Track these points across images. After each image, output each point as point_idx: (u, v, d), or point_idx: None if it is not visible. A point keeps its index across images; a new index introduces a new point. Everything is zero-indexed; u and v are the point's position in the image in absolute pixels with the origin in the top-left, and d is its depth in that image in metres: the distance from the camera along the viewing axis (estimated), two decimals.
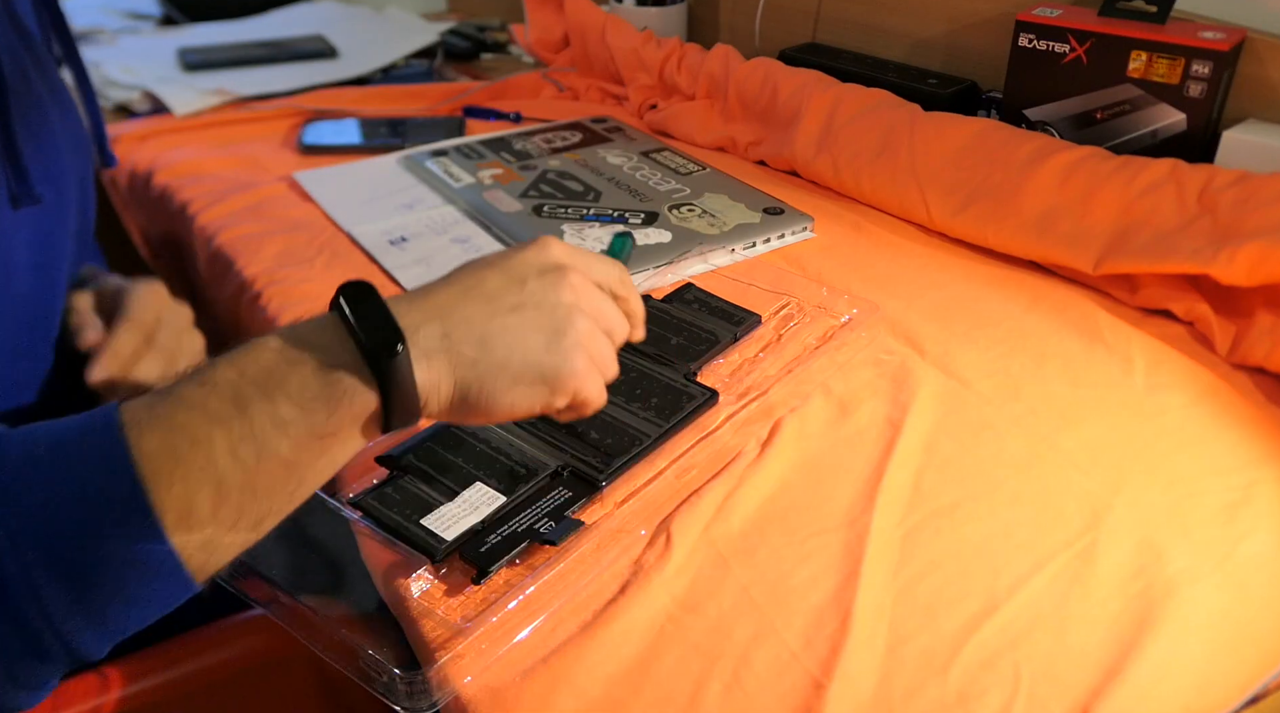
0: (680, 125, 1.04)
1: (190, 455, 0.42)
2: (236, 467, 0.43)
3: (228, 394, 0.43)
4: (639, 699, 0.44)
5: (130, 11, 1.52)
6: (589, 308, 0.50)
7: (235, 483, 0.43)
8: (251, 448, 0.43)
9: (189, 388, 0.43)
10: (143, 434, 0.42)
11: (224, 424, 0.42)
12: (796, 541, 0.52)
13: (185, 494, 0.42)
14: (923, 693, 0.44)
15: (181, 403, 0.43)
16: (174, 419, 0.42)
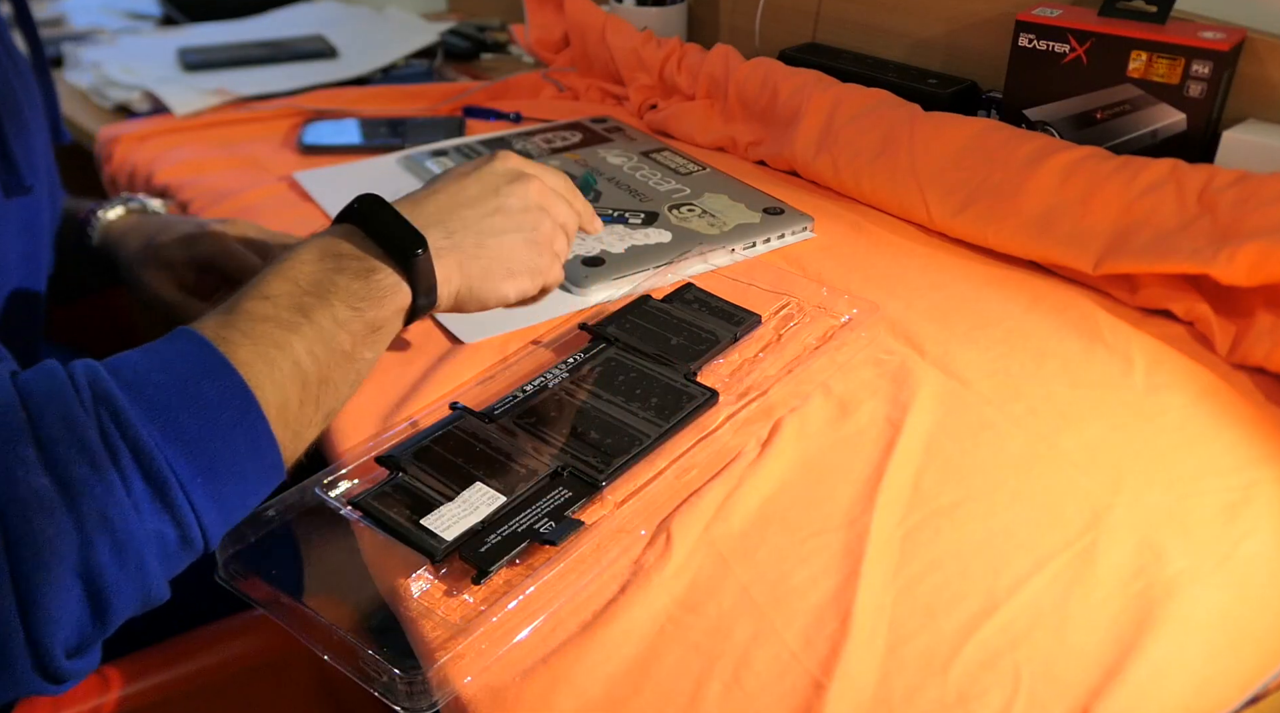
0: (680, 125, 1.04)
1: (279, 359, 0.49)
2: (314, 363, 0.50)
3: (292, 304, 0.50)
4: (639, 699, 0.44)
5: (130, 11, 1.52)
6: (551, 209, 0.61)
7: (315, 378, 0.50)
8: (322, 346, 0.51)
9: (254, 303, 0.50)
10: (233, 347, 0.48)
11: (297, 330, 0.50)
12: (796, 541, 0.52)
13: (280, 392, 0.49)
14: (923, 693, 0.44)
15: (255, 317, 0.50)
16: (255, 331, 0.49)
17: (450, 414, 0.59)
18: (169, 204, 0.89)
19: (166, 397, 0.45)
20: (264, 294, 0.51)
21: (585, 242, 0.79)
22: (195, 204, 0.91)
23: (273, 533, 0.53)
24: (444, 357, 0.67)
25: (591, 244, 0.79)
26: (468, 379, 0.64)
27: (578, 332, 0.68)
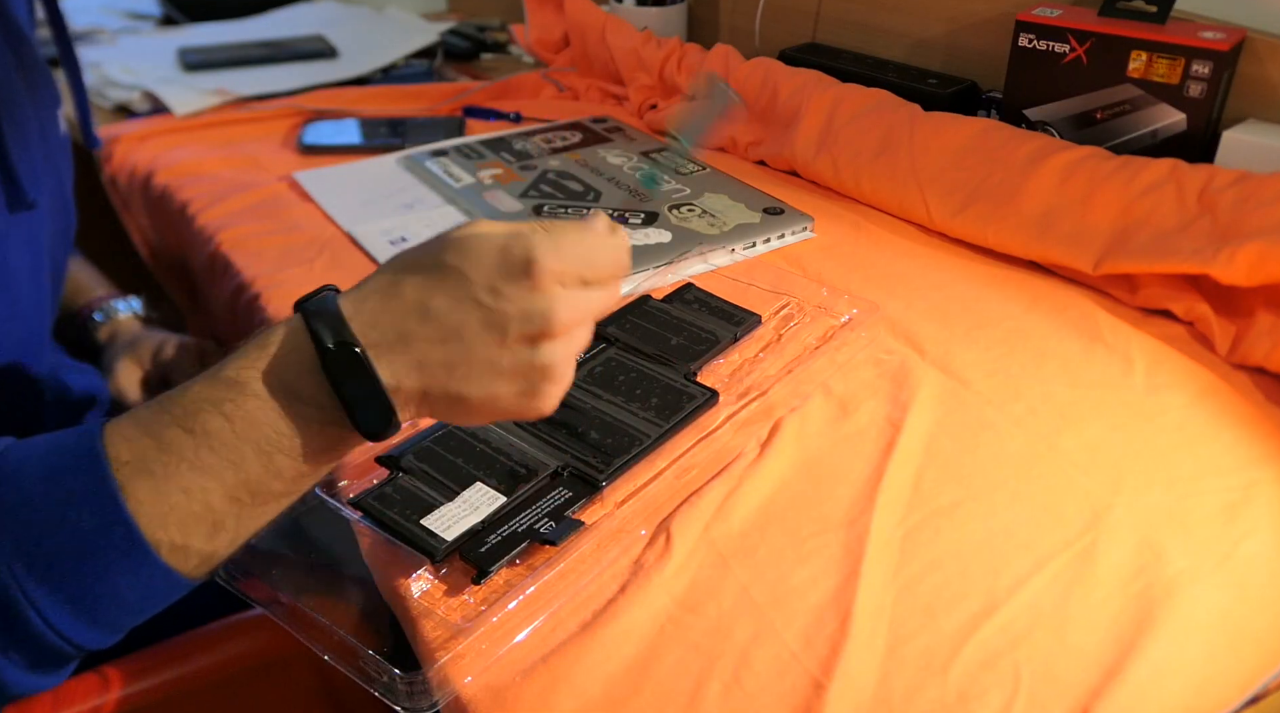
0: None
1: (184, 503, 0.44)
2: (232, 508, 0.45)
3: (220, 449, 0.44)
4: (639, 699, 0.44)
5: (130, 11, 1.52)
6: (568, 343, 0.47)
7: (231, 518, 0.45)
8: (247, 493, 0.45)
9: (177, 434, 0.44)
10: (134, 480, 0.44)
11: (218, 476, 0.44)
12: (796, 541, 0.52)
13: (181, 534, 0.45)
14: (923, 693, 0.44)
15: (171, 452, 0.44)
16: (166, 469, 0.44)
17: None
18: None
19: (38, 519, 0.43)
20: (190, 428, 0.44)
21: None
22: (195, 204, 0.91)
23: (273, 533, 0.53)
24: None
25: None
26: None
27: None
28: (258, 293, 0.77)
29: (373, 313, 0.45)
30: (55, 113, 0.74)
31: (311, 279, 0.78)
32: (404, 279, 0.46)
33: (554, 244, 0.46)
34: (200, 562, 0.46)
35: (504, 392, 0.46)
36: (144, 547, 0.44)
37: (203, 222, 0.88)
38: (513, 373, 0.46)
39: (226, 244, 0.84)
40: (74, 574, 0.43)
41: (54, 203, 0.73)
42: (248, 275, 0.79)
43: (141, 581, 0.45)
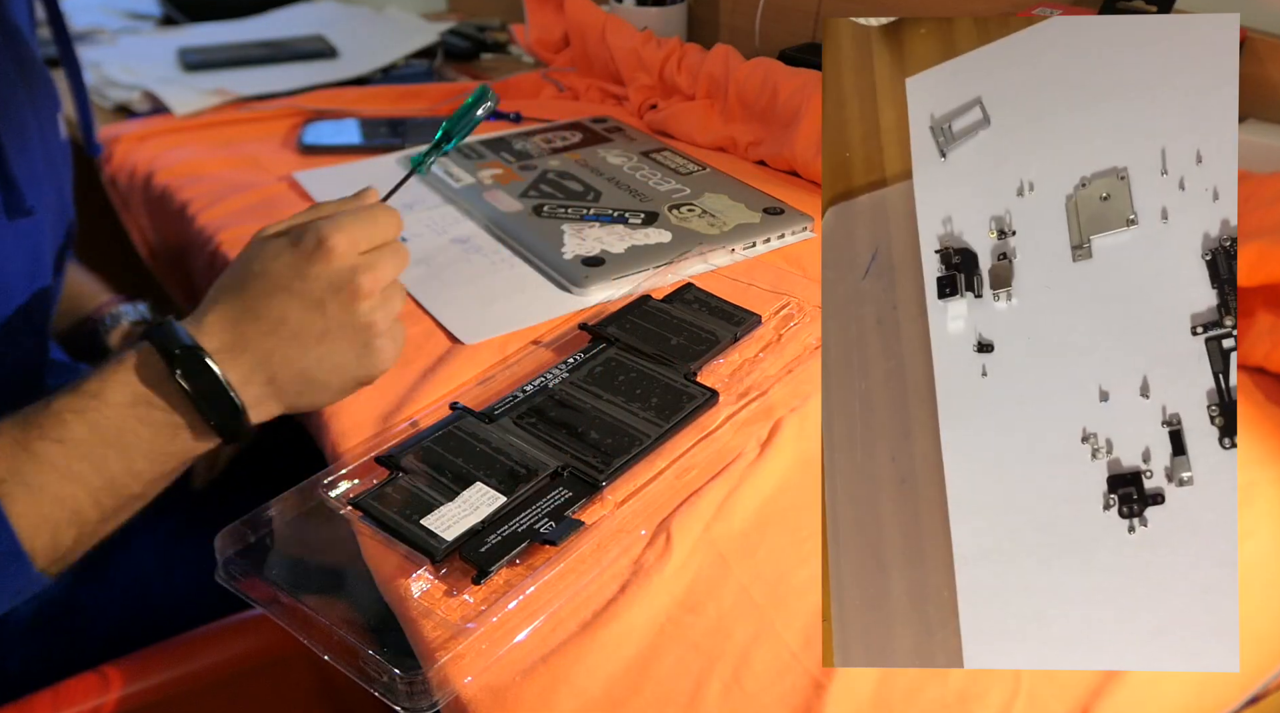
0: (680, 125, 1.03)
1: (55, 512, 0.49)
2: (97, 511, 0.50)
3: (84, 455, 0.49)
4: (639, 699, 0.44)
5: (130, 11, 1.52)
6: (379, 302, 0.54)
7: (96, 519, 0.51)
8: (109, 495, 0.50)
9: (48, 446, 0.49)
10: (11, 494, 0.48)
11: (84, 483, 0.49)
12: (796, 541, 0.52)
13: (53, 539, 0.49)
14: (923, 693, 0.44)
15: (44, 465, 0.49)
16: (39, 481, 0.49)
17: (450, 414, 0.59)
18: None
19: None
20: (59, 437, 0.49)
21: (585, 242, 0.79)
22: (195, 204, 0.91)
23: (273, 533, 0.53)
24: (444, 357, 0.67)
25: (591, 244, 0.79)
26: (468, 379, 0.64)
27: (578, 332, 0.68)
28: None
29: (209, 325, 0.52)
30: (55, 116, 0.74)
31: None
32: (224, 297, 0.53)
33: (336, 222, 0.53)
34: (58, 562, 0.51)
35: (342, 357, 0.54)
36: (22, 557, 0.48)
37: (203, 222, 0.88)
38: (342, 336, 0.53)
39: (226, 244, 0.84)
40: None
41: (53, 208, 0.73)
42: None
43: (12, 585, 0.49)
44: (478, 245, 0.82)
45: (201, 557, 0.51)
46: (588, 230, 0.82)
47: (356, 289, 0.53)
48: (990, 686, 0.44)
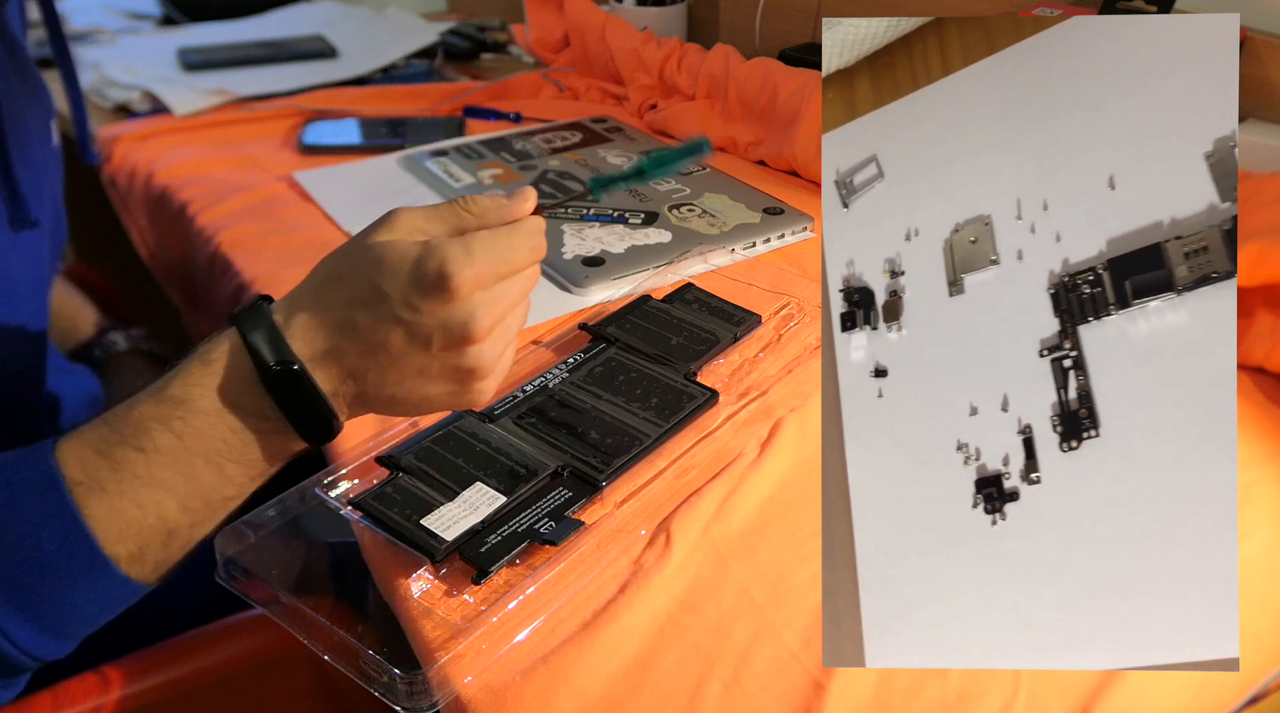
0: (680, 125, 1.03)
1: (140, 517, 0.46)
2: (186, 517, 0.48)
3: (172, 464, 0.47)
4: (639, 699, 0.44)
5: (130, 11, 1.52)
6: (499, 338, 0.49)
7: (184, 525, 0.48)
8: (200, 501, 0.48)
9: (129, 454, 0.46)
10: (90, 498, 0.46)
11: (171, 490, 0.47)
12: (796, 541, 0.52)
13: (138, 544, 0.47)
14: (923, 693, 0.44)
15: (124, 471, 0.46)
16: (119, 487, 0.46)
17: (450, 414, 0.59)
18: None
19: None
20: (141, 446, 0.46)
21: (585, 242, 0.79)
22: (195, 204, 0.91)
23: (273, 533, 0.53)
24: None
25: (591, 244, 0.79)
26: None
27: (578, 332, 0.68)
28: (258, 293, 0.77)
29: (303, 327, 0.47)
30: (50, 123, 0.74)
31: None
32: (329, 292, 0.48)
33: (466, 252, 0.46)
34: (156, 568, 0.48)
35: (436, 392, 0.49)
36: (105, 562, 0.46)
37: (203, 222, 0.88)
38: (441, 377, 0.48)
39: (226, 244, 0.84)
40: (37, 593, 0.45)
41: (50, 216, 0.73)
42: (248, 275, 0.79)
43: (102, 593, 0.47)
44: None
45: (201, 557, 0.50)
46: (588, 230, 0.82)
47: (470, 335, 0.47)
48: (990, 686, 0.44)
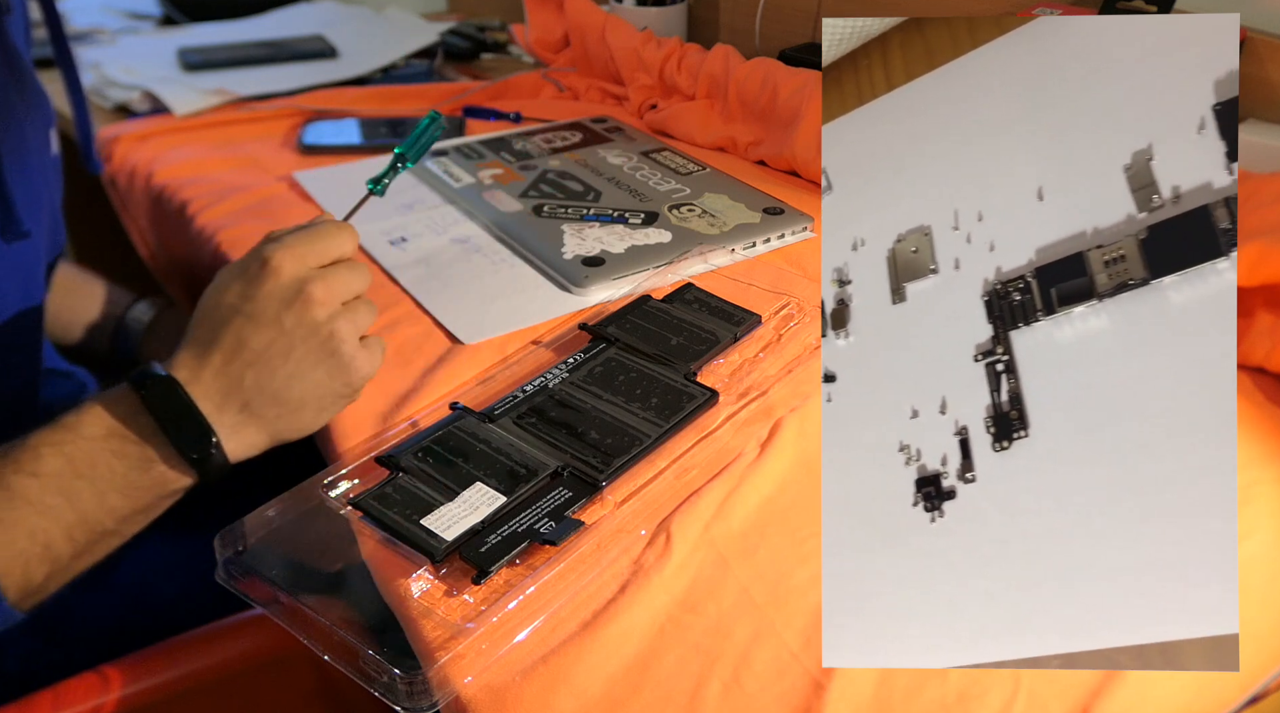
0: (680, 125, 1.04)
1: (28, 547, 0.49)
2: (70, 546, 0.50)
3: (59, 488, 0.49)
4: (639, 699, 0.44)
5: (130, 11, 1.52)
6: (339, 312, 0.54)
7: (68, 555, 0.50)
8: (83, 531, 0.50)
9: (21, 480, 0.49)
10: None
11: (57, 517, 0.49)
12: (796, 541, 0.52)
13: (25, 575, 0.49)
14: (923, 693, 0.44)
15: (17, 497, 0.49)
16: (13, 515, 0.49)
17: (450, 414, 0.59)
18: None
19: None
20: (34, 470, 0.49)
21: (585, 242, 0.79)
22: (195, 204, 0.91)
23: (273, 533, 0.53)
24: (444, 357, 0.67)
25: (591, 244, 0.79)
26: (468, 379, 0.64)
27: (578, 332, 0.68)
28: None
29: (179, 362, 0.53)
30: (48, 132, 0.74)
31: None
32: (192, 334, 0.54)
33: (279, 242, 0.54)
34: (33, 596, 0.51)
35: (312, 372, 0.53)
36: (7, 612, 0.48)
37: (203, 222, 0.88)
38: (306, 349, 0.53)
39: (226, 244, 0.84)
40: None
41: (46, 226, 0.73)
42: None
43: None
44: (478, 245, 0.82)
45: (201, 557, 0.50)
46: (588, 230, 0.82)
47: (308, 299, 0.53)
48: (990, 686, 0.44)
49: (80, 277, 0.96)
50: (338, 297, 0.54)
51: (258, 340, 0.52)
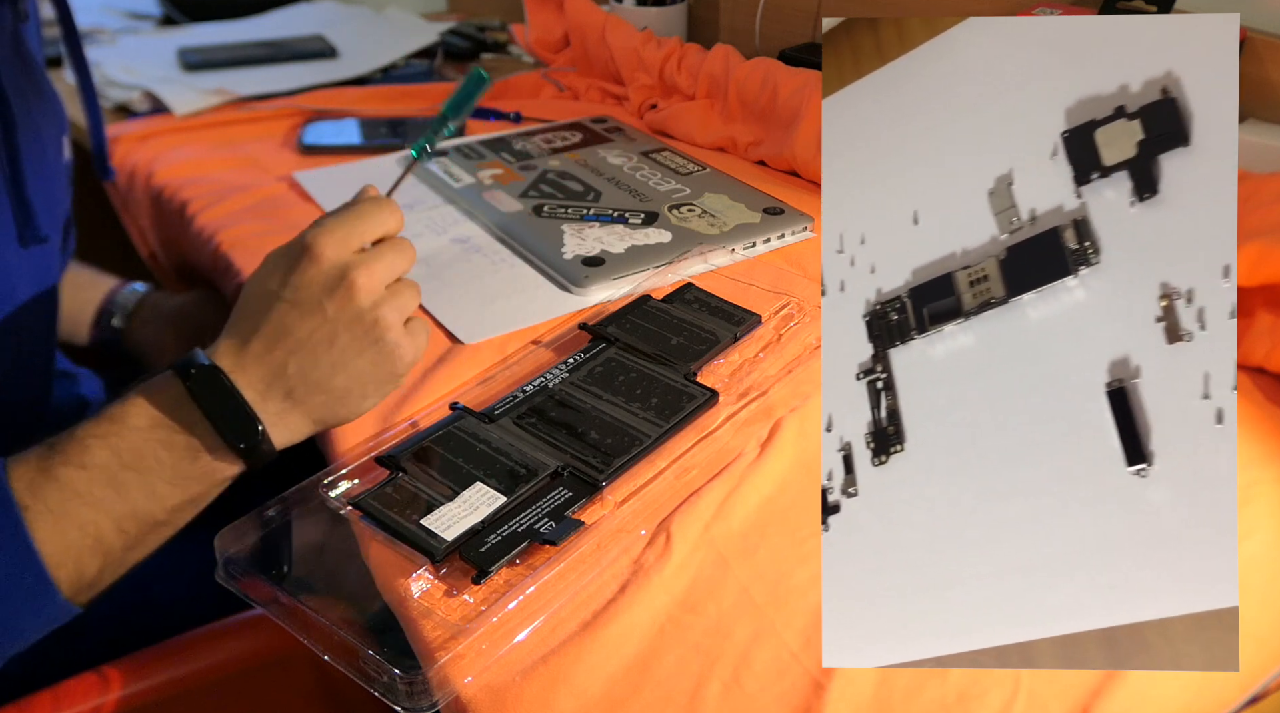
0: (680, 125, 1.04)
1: (80, 540, 0.49)
2: (121, 539, 0.50)
3: (107, 480, 0.49)
4: (639, 699, 0.44)
5: (130, 11, 1.52)
6: (383, 298, 0.54)
7: (120, 548, 0.50)
8: (133, 522, 0.50)
9: (70, 471, 0.49)
10: (36, 521, 0.48)
11: (107, 509, 0.49)
12: (796, 541, 0.52)
13: (77, 569, 0.49)
14: (923, 693, 0.44)
15: (67, 489, 0.49)
16: (63, 508, 0.48)
17: (450, 414, 0.59)
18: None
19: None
20: (82, 463, 0.49)
21: (585, 242, 0.79)
22: (195, 204, 0.91)
23: (273, 533, 0.53)
24: (444, 357, 0.67)
25: (591, 244, 0.79)
26: (468, 379, 0.64)
27: (578, 332, 0.68)
28: None
29: (222, 350, 0.53)
30: (61, 138, 0.75)
31: None
32: (235, 323, 0.54)
33: (321, 226, 0.54)
34: (88, 590, 0.51)
35: (356, 360, 0.53)
36: (50, 586, 0.48)
37: (203, 222, 0.88)
38: (350, 337, 0.53)
39: (226, 244, 0.84)
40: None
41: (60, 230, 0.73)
42: (248, 275, 0.79)
43: (43, 618, 0.49)
44: (478, 245, 0.82)
45: (201, 557, 0.51)
46: (588, 230, 0.82)
47: (351, 286, 0.52)
48: (990, 686, 0.44)
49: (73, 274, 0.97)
50: (381, 281, 0.54)
51: (301, 328, 0.52)
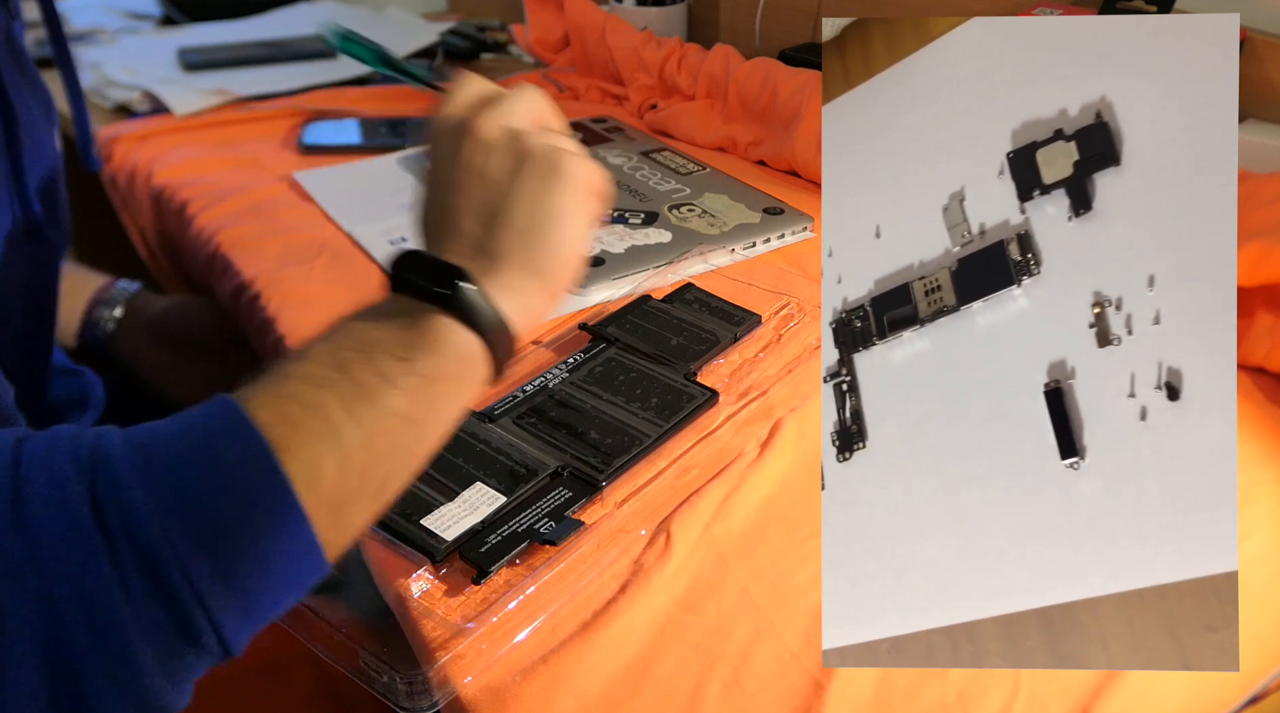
0: (680, 125, 1.03)
1: (307, 420, 0.42)
2: (353, 425, 0.42)
3: (327, 361, 0.43)
4: (639, 699, 0.44)
5: (130, 11, 1.52)
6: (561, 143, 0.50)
7: (355, 442, 0.42)
8: (365, 405, 0.43)
9: (288, 364, 0.43)
10: (258, 408, 0.41)
11: (332, 386, 0.42)
12: (796, 541, 0.52)
13: (310, 458, 0.41)
14: (923, 693, 0.44)
15: (286, 376, 0.43)
16: (282, 390, 0.42)
17: None
18: None
19: (175, 458, 0.40)
20: (299, 355, 0.44)
21: None
22: (195, 204, 0.91)
23: None
24: None
25: (591, 244, 0.79)
26: None
27: (578, 332, 0.68)
28: (258, 293, 0.77)
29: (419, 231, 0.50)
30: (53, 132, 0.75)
31: (311, 279, 0.78)
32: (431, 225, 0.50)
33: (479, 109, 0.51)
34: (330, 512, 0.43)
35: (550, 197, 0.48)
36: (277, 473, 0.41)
37: (202, 222, 0.88)
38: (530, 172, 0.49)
39: (226, 244, 0.84)
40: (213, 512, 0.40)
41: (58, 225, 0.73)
42: (248, 275, 0.79)
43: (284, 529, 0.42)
44: None
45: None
46: None
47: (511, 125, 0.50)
48: (990, 686, 0.44)
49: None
50: (542, 125, 0.52)
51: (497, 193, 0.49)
